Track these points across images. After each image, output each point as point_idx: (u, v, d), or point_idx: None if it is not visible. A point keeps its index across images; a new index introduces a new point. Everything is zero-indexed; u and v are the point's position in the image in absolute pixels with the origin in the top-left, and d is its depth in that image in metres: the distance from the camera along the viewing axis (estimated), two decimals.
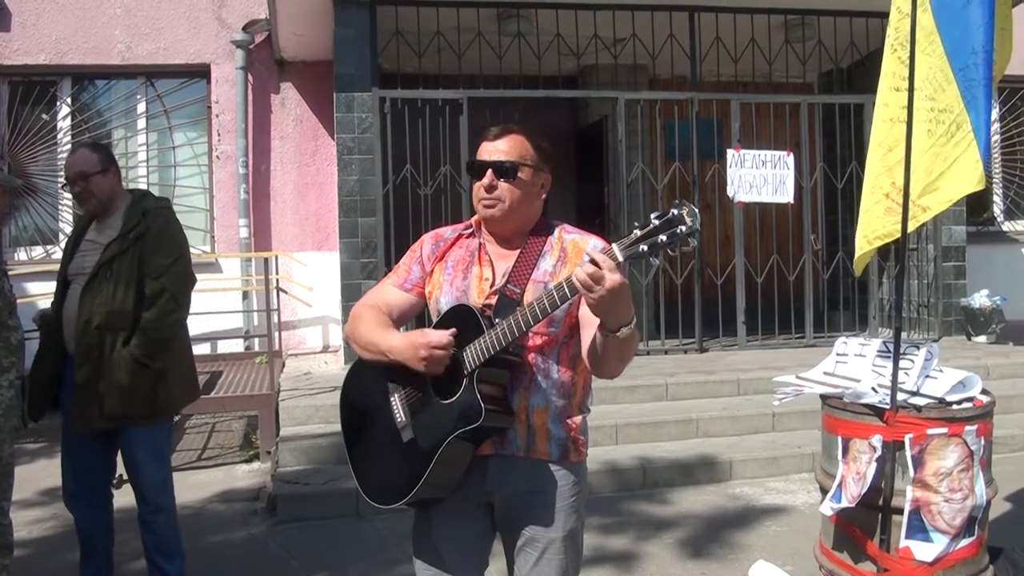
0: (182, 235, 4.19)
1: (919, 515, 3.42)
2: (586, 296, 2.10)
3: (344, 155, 8.13)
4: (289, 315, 9.64)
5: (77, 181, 3.99)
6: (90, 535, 4.15)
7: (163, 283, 3.94)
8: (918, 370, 3.68)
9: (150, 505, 4.10)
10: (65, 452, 4.14)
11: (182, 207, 9.65)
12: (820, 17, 9.03)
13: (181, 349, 4.17)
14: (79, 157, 4.04)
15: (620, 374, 2.41)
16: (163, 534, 4.14)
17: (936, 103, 3.73)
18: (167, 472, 4.22)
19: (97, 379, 3.88)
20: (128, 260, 3.93)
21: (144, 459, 4.06)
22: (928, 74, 3.77)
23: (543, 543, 2.46)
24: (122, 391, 3.87)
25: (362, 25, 8.10)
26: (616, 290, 2.06)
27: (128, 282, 3.90)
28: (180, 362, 4.14)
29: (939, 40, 3.69)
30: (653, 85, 10.21)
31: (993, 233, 11.26)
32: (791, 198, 8.82)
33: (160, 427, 4.15)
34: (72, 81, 9.59)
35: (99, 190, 4.02)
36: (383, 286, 2.68)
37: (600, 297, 2.07)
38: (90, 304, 3.90)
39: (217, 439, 7.76)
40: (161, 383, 3.99)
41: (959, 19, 3.62)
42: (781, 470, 6.30)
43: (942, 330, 9.31)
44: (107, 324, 3.88)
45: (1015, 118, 11.49)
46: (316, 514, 5.59)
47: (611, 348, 2.24)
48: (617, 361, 2.33)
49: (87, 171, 3.99)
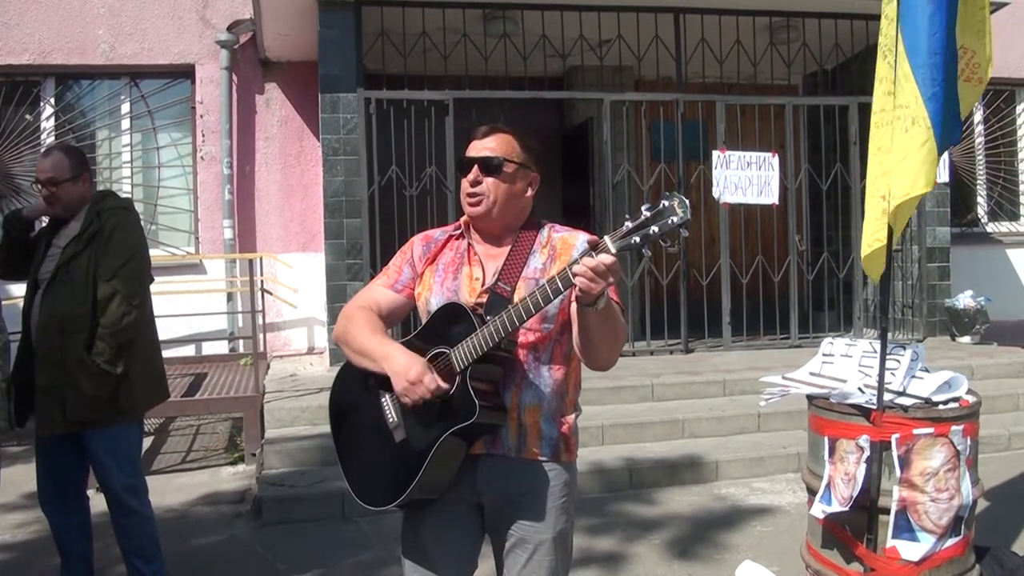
0: (137, 236, 4.10)
1: (906, 515, 3.43)
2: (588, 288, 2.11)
3: (329, 156, 8.10)
4: (274, 316, 9.60)
5: (47, 185, 3.95)
6: (67, 539, 4.10)
7: (114, 285, 3.87)
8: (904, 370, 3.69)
9: (121, 508, 4.05)
10: (38, 455, 4.10)
11: (166, 208, 9.62)
12: (805, 19, 9.05)
13: (145, 350, 4.09)
14: (52, 161, 3.98)
15: (614, 361, 2.42)
16: (138, 537, 4.09)
17: (897, 99, 3.74)
18: (137, 474, 4.16)
19: (57, 383, 3.84)
20: (84, 262, 3.89)
21: (110, 462, 4.01)
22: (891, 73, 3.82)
23: (533, 544, 2.46)
24: (83, 395, 3.82)
25: (347, 25, 8.07)
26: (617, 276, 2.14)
27: (84, 284, 3.85)
28: (144, 364, 4.06)
29: (901, 40, 3.73)
30: (639, 86, 10.21)
31: (977, 234, 11.32)
32: (776, 199, 8.84)
33: (127, 429, 4.07)
34: (56, 81, 9.51)
35: (67, 197, 3.98)
36: (373, 287, 2.67)
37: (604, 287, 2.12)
38: (49, 307, 3.88)
39: (202, 441, 7.72)
40: (124, 385, 3.92)
41: (920, 22, 3.65)
42: (767, 470, 6.32)
43: (927, 331, 9.35)
44: (65, 327, 3.84)
45: (999, 120, 11.55)
46: (302, 516, 5.56)
47: (596, 326, 2.26)
48: (608, 343, 2.34)
49: (57, 178, 3.95)
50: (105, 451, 3.99)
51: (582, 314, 2.26)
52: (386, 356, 2.39)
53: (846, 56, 9.72)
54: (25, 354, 4.02)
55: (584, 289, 2.12)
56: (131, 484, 4.09)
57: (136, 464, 4.19)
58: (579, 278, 2.10)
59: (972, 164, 11.41)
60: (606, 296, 2.19)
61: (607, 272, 2.09)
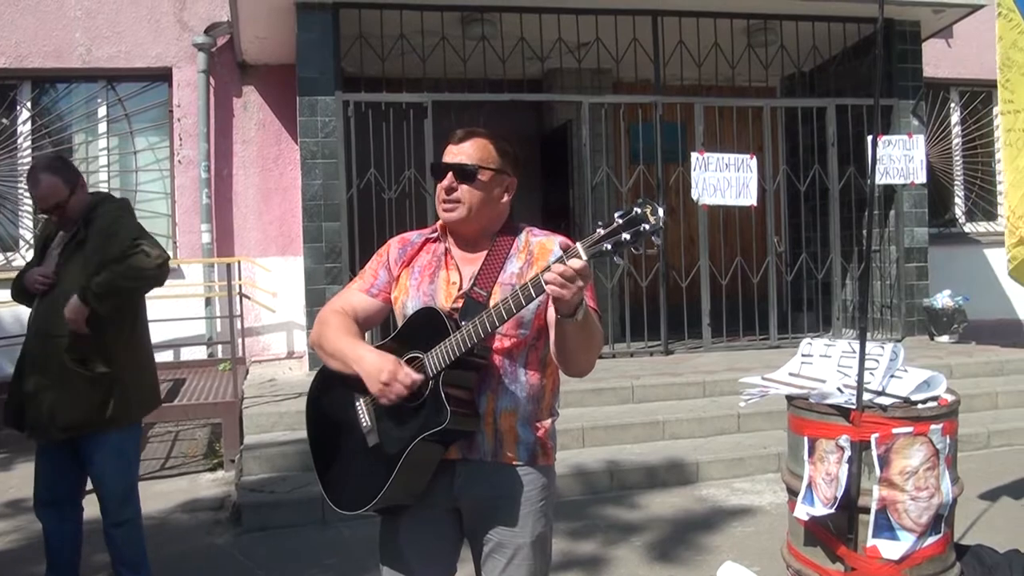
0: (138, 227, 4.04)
1: (886, 514, 3.43)
2: (559, 294, 2.10)
3: (308, 159, 8.07)
4: (252, 321, 9.56)
5: (54, 211, 3.91)
6: (56, 547, 4.05)
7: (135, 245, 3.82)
8: (883, 370, 3.69)
9: (113, 517, 4.00)
10: (37, 460, 4.05)
11: (144, 212, 9.53)
12: (782, 22, 9.10)
13: (138, 356, 4.06)
14: (47, 187, 3.88)
15: (591, 368, 2.41)
16: (127, 546, 4.04)
17: None
18: (130, 482, 4.10)
19: (46, 388, 3.81)
20: (73, 265, 3.86)
21: (105, 469, 3.96)
22: None
23: (511, 548, 2.44)
24: (71, 401, 3.79)
25: (325, 28, 8.05)
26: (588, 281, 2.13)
27: (72, 288, 3.79)
28: (136, 369, 4.03)
29: None
30: (617, 89, 10.23)
31: (955, 234, 11.40)
32: (754, 201, 8.88)
33: (124, 434, 4.01)
34: (32, 85, 9.45)
35: (74, 211, 3.95)
36: (349, 291, 2.65)
37: (576, 291, 2.09)
38: (42, 314, 3.86)
39: (180, 448, 7.66)
40: (116, 389, 3.88)
41: None
42: (747, 471, 6.33)
43: (905, 330, 9.41)
44: (51, 331, 3.81)
45: (975, 121, 11.63)
46: (281, 522, 5.53)
47: (574, 335, 2.25)
48: (585, 351, 2.34)
49: (60, 200, 3.89)
50: (100, 458, 3.94)
51: (560, 324, 2.25)
52: (359, 359, 2.37)
53: (823, 58, 9.78)
54: (23, 360, 3.99)
55: (556, 296, 2.11)
56: (124, 491, 4.04)
57: (131, 470, 4.13)
58: (550, 285, 2.09)
59: (949, 165, 11.50)
60: (585, 306, 2.18)
61: (576, 277, 2.07)
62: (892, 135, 9.15)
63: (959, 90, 11.55)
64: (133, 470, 4.16)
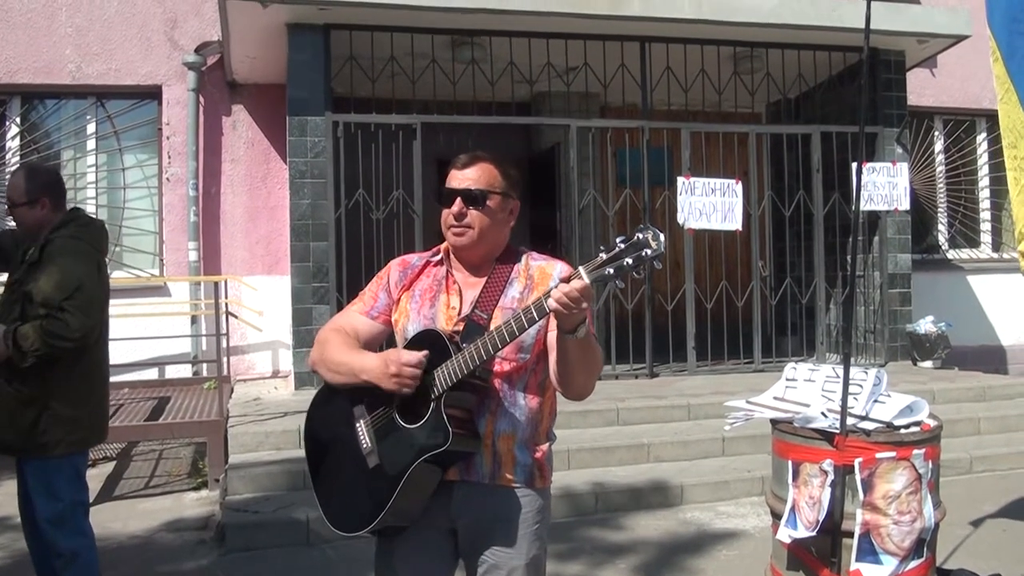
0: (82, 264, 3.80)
1: (869, 538, 3.46)
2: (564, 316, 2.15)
3: (296, 179, 8.09)
4: (238, 340, 9.54)
5: (11, 213, 3.89)
6: (36, 563, 4.02)
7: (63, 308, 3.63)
8: (867, 395, 3.73)
9: (50, 546, 3.82)
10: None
11: (131, 230, 9.55)
12: (768, 50, 9.18)
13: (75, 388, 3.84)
14: (12, 182, 3.86)
15: (590, 391, 2.45)
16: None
17: (1018, 151, 3.67)
18: (58, 515, 3.83)
19: None
20: (15, 290, 3.79)
21: (34, 496, 3.80)
22: (1007, 123, 3.72)
23: (506, 570, 2.46)
24: (6, 420, 3.70)
25: (316, 49, 8.09)
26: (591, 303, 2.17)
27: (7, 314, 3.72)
28: (72, 402, 3.81)
29: (1013, 89, 3.63)
30: (605, 113, 10.30)
31: (938, 261, 11.49)
32: (740, 225, 8.93)
33: (53, 463, 3.79)
34: (22, 100, 9.45)
35: (22, 221, 3.87)
36: (348, 312, 2.67)
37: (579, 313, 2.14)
38: None
39: (165, 466, 7.63)
40: (46, 416, 3.72)
41: None
42: (731, 494, 6.34)
43: (888, 355, 9.46)
44: None
45: (959, 149, 11.75)
46: (266, 543, 5.49)
47: (575, 355, 2.29)
48: (584, 371, 2.37)
49: (14, 200, 3.84)
50: (32, 483, 3.81)
51: (562, 342, 2.28)
52: (363, 366, 2.40)
53: (808, 86, 9.89)
54: None
55: (559, 317, 2.15)
56: (55, 525, 3.81)
57: (57, 506, 3.83)
58: (554, 303, 2.13)
59: (933, 192, 11.60)
60: (586, 325, 2.21)
61: (580, 298, 2.11)
62: (876, 162, 9.24)
63: (943, 118, 11.67)
64: (63, 505, 3.85)
